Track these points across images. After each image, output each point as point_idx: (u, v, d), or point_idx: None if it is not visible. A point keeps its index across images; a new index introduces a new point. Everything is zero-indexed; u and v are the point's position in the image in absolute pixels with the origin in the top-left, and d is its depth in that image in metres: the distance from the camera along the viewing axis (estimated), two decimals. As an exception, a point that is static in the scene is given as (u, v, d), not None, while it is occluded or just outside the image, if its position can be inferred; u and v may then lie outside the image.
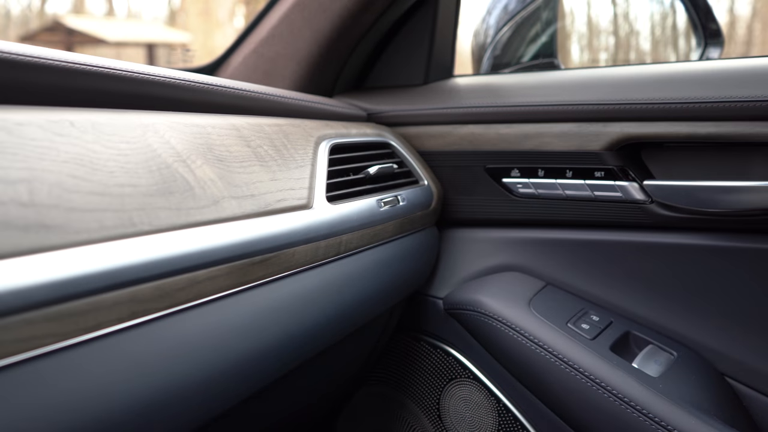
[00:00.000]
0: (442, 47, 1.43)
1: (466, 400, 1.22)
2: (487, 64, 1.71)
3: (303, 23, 1.31)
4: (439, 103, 1.31)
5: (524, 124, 1.19)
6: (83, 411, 0.52)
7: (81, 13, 11.92)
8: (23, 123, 0.57)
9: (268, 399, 0.96)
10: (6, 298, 0.46)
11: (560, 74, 1.34)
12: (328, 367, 1.14)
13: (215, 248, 0.65)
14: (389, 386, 1.36)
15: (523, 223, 1.25)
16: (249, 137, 0.83)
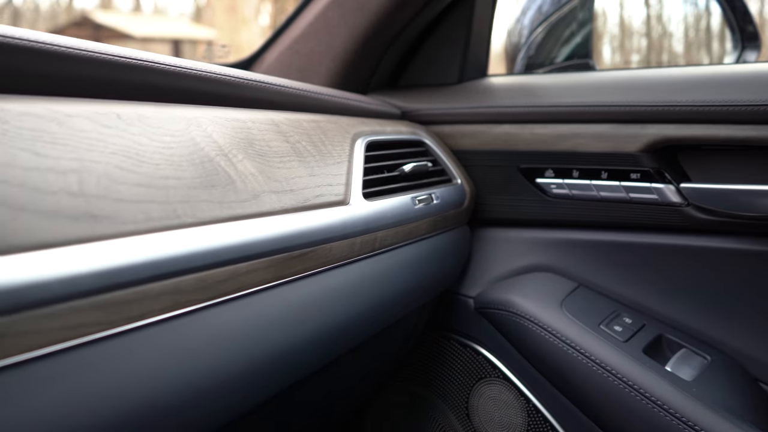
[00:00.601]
0: (478, 46, 1.42)
1: (495, 399, 1.22)
2: (520, 64, 1.70)
3: (339, 20, 1.31)
4: (474, 102, 1.31)
5: (559, 125, 1.18)
6: (126, 398, 0.53)
7: (108, 9, 12.07)
8: (72, 114, 0.57)
9: (300, 393, 0.96)
10: (55, 286, 0.46)
11: (596, 75, 1.33)
12: (358, 364, 1.14)
13: (256, 242, 0.66)
14: (418, 384, 1.36)
15: (556, 224, 1.24)
16: (288, 133, 0.84)
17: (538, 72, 1.67)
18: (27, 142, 0.51)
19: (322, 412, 1.18)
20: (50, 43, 0.61)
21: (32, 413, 0.46)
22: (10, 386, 0.44)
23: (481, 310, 1.21)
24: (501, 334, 1.19)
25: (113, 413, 0.52)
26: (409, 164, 1.05)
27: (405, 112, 1.31)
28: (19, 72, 0.59)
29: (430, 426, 1.34)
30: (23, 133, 0.52)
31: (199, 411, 0.61)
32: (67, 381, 0.48)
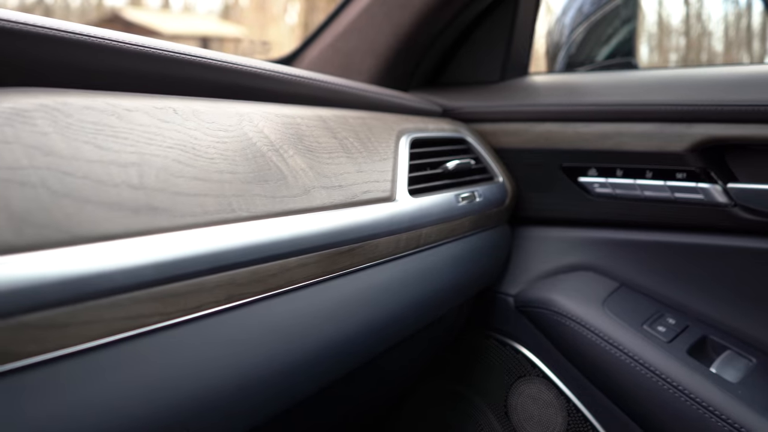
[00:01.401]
0: (520, 45, 1.41)
1: (534, 398, 1.21)
2: (561, 63, 1.69)
3: (383, 18, 1.31)
4: (516, 100, 1.30)
5: (603, 124, 1.16)
6: (180, 389, 0.53)
7: (138, 6, 12.21)
8: (132, 109, 0.58)
9: (340, 389, 0.96)
10: (117, 277, 0.47)
11: (639, 74, 1.31)
12: (398, 360, 1.14)
13: (306, 236, 0.66)
14: (456, 382, 1.35)
15: (598, 223, 1.22)
16: (335, 129, 0.84)
17: (580, 70, 1.65)
18: (90, 136, 0.52)
19: (359, 409, 1.18)
20: (111, 39, 0.61)
21: (92, 401, 0.46)
22: (73, 374, 0.45)
23: (522, 308, 1.20)
24: (541, 333, 1.18)
25: (167, 404, 0.52)
26: (452, 161, 1.05)
27: (446, 110, 1.30)
28: (80, 67, 0.60)
29: (467, 423, 1.33)
30: (86, 127, 0.52)
31: (249, 403, 0.62)
32: (125, 370, 0.49)
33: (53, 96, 0.53)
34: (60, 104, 0.52)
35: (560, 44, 1.72)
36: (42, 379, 0.43)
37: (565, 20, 1.76)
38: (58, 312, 0.43)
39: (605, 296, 1.13)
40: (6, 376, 0.41)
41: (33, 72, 0.57)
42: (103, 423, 0.47)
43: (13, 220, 0.42)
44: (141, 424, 0.50)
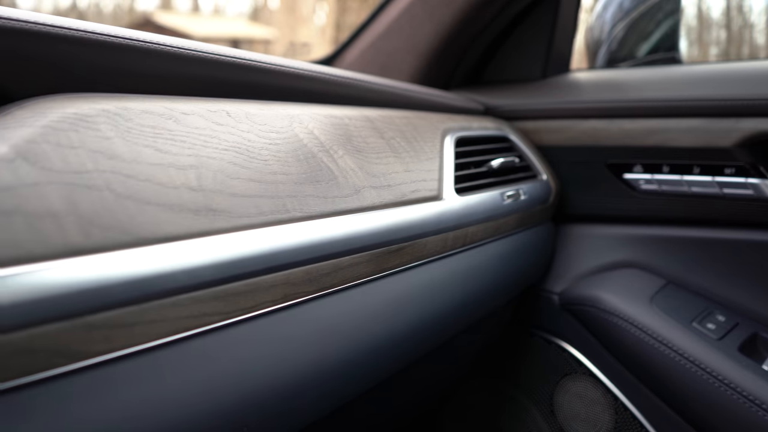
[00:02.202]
0: (562, 42, 1.40)
1: (581, 396, 1.20)
2: (602, 59, 1.66)
3: (424, 17, 1.31)
4: (559, 97, 1.28)
5: (649, 119, 1.15)
6: (240, 386, 0.54)
7: (168, 9, 12.35)
8: (188, 112, 0.59)
9: (388, 387, 0.96)
10: (181, 277, 0.48)
11: (685, 69, 1.28)
12: (443, 359, 1.14)
13: (358, 236, 0.66)
14: (500, 380, 1.35)
15: (644, 220, 1.21)
16: (382, 129, 0.84)
17: (622, 66, 1.63)
18: (150, 139, 0.53)
19: (405, 407, 1.18)
20: (167, 44, 0.62)
21: (159, 397, 0.47)
22: (140, 372, 0.46)
23: (567, 306, 1.19)
24: (587, 331, 1.16)
25: (229, 400, 0.53)
26: (497, 160, 1.04)
27: (489, 108, 1.30)
28: (138, 72, 0.61)
29: (512, 422, 1.32)
30: (145, 131, 0.53)
31: (304, 400, 0.62)
32: (189, 368, 0.50)
33: (113, 101, 0.54)
34: (120, 109, 0.53)
35: (601, 40, 1.70)
36: (112, 376, 0.44)
37: (606, 16, 1.74)
38: (124, 312, 0.44)
39: (652, 293, 1.12)
40: (79, 373, 0.42)
41: (92, 78, 0.58)
42: (170, 418, 0.48)
43: (81, 222, 0.43)
44: (204, 420, 0.50)
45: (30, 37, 0.53)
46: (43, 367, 0.40)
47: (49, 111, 0.49)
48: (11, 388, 0.39)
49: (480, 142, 1.08)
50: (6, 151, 0.43)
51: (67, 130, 0.48)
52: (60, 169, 0.45)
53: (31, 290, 0.39)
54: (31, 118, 0.47)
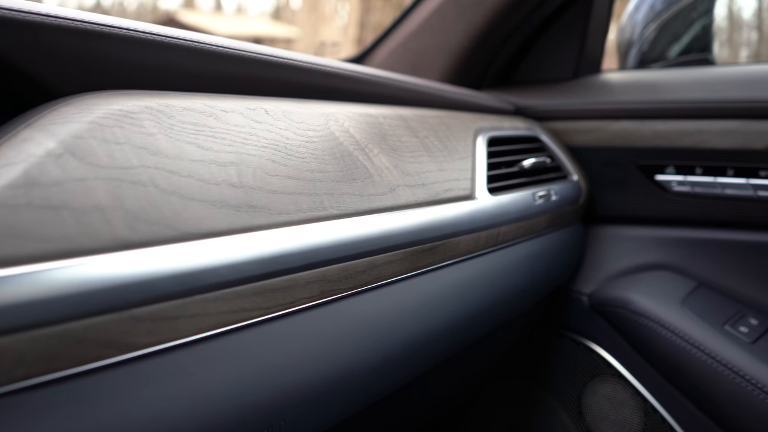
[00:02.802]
0: (594, 42, 1.39)
1: (609, 398, 1.19)
2: (634, 60, 1.65)
3: (456, 17, 1.30)
4: (590, 98, 1.27)
5: (682, 121, 1.13)
6: (278, 380, 0.54)
7: (191, 8, 12.40)
8: (227, 110, 0.59)
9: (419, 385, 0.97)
10: (223, 272, 0.48)
11: (718, 70, 1.27)
12: (472, 359, 1.13)
13: (393, 234, 0.66)
14: (528, 380, 1.34)
15: (676, 222, 1.19)
16: (416, 128, 0.84)
17: (653, 67, 1.61)
18: (191, 136, 0.53)
19: (433, 407, 1.18)
20: (206, 42, 0.63)
21: (201, 390, 0.48)
22: (184, 364, 0.46)
23: (597, 307, 1.18)
24: (617, 332, 1.15)
25: (267, 394, 0.53)
26: (528, 160, 1.04)
27: (519, 108, 1.29)
28: (179, 70, 0.62)
29: (539, 423, 1.31)
30: (187, 128, 0.54)
31: (339, 396, 0.62)
32: (230, 361, 0.50)
33: (155, 98, 0.55)
34: (163, 106, 0.54)
35: (632, 41, 1.68)
36: (156, 368, 0.45)
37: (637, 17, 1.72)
38: (168, 305, 0.45)
39: (684, 296, 1.10)
40: (125, 365, 0.43)
41: (133, 75, 0.59)
42: (210, 411, 0.48)
43: (128, 217, 0.44)
44: (243, 413, 0.51)
45: (74, 35, 0.53)
46: (93, 357, 0.41)
47: (94, 107, 0.49)
48: (65, 377, 0.39)
49: (511, 142, 1.07)
50: (54, 147, 0.44)
51: (112, 126, 0.48)
52: (106, 165, 0.45)
53: (82, 283, 0.39)
54: (77, 114, 0.48)
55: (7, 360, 0.37)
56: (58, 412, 0.39)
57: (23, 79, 0.53)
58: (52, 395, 0.39)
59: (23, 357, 0.37)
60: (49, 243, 0.39)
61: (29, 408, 0.38)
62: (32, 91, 0.54)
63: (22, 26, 0.50)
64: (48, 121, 0.46)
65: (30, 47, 0.51)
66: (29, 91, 0.54)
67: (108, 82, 0.57)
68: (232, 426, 0.50)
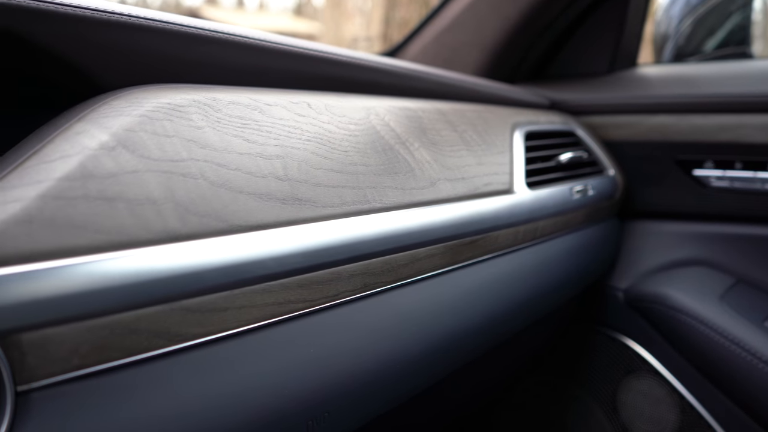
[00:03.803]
0: (631, 36, 1.37)
1: (645, 394, 1.17)
2: (670, 54, 1.62)
3: (490, 12, 1.29)
4: (626, 92, 1.25)
5: (721, 115, 1.11)
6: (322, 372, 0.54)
7: (214, 5, 12.43)
8: (271, 104, 0.59)
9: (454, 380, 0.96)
10: (270, 264, 0.48)
11: (758, 63, 1.24)
12: (507, 354, 1.12)
13: (434, 227, 0.66)
14: (561, 376, 1.33)
15: (714, 217, 1.17)
16: (454, 122, 0.83)
17: (690, 61, 1.58)
18: (238, 129, 0.53)
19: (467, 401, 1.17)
20: (249, 37, 0.63)
21: (249, 380, 0.48)
22: (231, 355, 0.47)
23: (633, 303, 1.17)
24: (653, 328, 1.14)
25: (312, 386, 0.53)
26: (565, 154, 1.02)
27: (554, 103, 1.27)
28: (223, 64, 0.62)
29: (573, 419, 1.30)
30: (234, 121, 0.54)
31: (381, 388, 0.62)
32: (276, 353, 0.50)
33: (202, 92, 0.55)
34: (209, 100, 0.54)
35: (668, 35, 1.65)
36: (205, 359, 0.45)
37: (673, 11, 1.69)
38: (217, 297, 0.45)
39: (722, 292, 1.08)
40: (175, 355, 0.43)
41: (178, 69, 0.59)
42: (257, 401, 0.48)
43: (179, 209, 0.44)
44: (289, 404, 0.51)
45: (122, 29, 0.54)
46: (145, 348, 0.41)
47: (144, 100, 0.49)
48: (117, 367, 0.40)
49: (547, 136, 1.06)
50: (107, 140, 0.44)
51: (162, 119, 0.48)
52: (157, 157, 0.45)
53: (135, 274, 0.40)
54: (128, 107, 0.48)
55: (64, 349, 0.37)
56: (110, 401, 0.40)
57: (71, 72, 0.53)
58: (104, 385, 0.39)
59: (78, 347, 0.38)
60: (105, 234, 0.39)
61: (83, 397, 0.38)
62: (80, 84, 0.54)
63: (71, 20, 0.50)
64: (100, 114, 0.46)
65: (78, 41, 0.52)
66: (77, 84, 0.54)
67: (153, 76, 0.58)
68: (277, 417, 0.50)
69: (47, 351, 0.36)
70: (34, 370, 0.36)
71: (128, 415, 0.40)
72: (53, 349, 0.36)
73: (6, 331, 0.34)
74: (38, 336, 0.36)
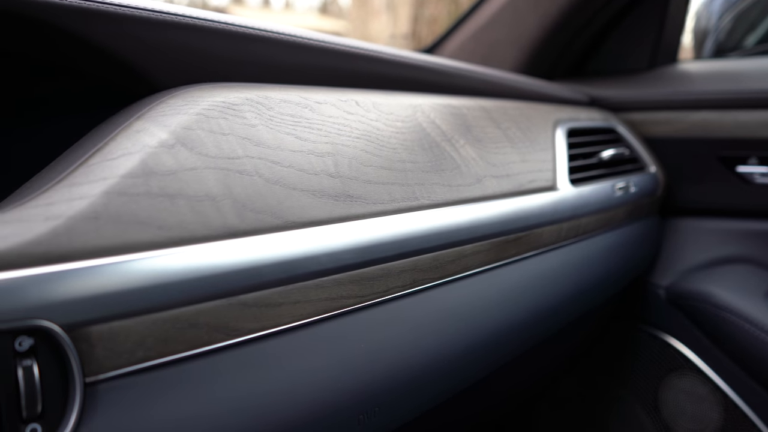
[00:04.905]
0: (672, 31, 1.34)
1: (687, 392, 1.15)
2: (709, 49, 1.59)
3: (529, 9, 1.28)
4: (667, 88, 1.23)
5: (766, 111, 1.08)
6: (373, 366, 0.54)
7: (240, 4, 12.48)
8: (321, 102, 0.59)
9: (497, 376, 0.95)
10: (324, 260, 0.48)
11: (803, 58, 1.21)
12: (548, 351, 1.11)
13: (481, 224, 0.65)
14: (601, 374, 1.31)
15: (758, 214, 1.14)
16: (498, 119, 0.83)
17: (731, 56, 1.55)
18: (290, 127, 0.53)
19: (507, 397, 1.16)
20: (298, 36, 0.63)
21: (302, 374, 0.48)
22: (285, 350, 0.47)
23: (675, 300, 1.15)
24: (696, 326, 1.12)
25: (363, 380, 0.53)
26: (607, 151, 1.01)
27: (594, 99, 1.26)
28: (274, 63, 0.62)
29: (613, 417, 1.28)
30: (286, 119, 0.54)
31: (429, 383, 0.62)
32: (328, 348, 0.50)
33: (254, 90, 0.55)
34: (262, 98, 0.54)
35: (708, 30, 1.62)
36: (261, 353, 0.45)
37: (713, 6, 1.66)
38: (273, 292, 0.45)
39: (767, 289, 1.06)
40: (232, 349, 0.43)
41: (231, 68, 0.60)
42: (310, 395, 0.48)
43: (236, 206, 0.44)
44: (340, 398, 0.51)
45: (176, 29, 0.54)
46: (205, 342, 0.41)
47: (199, 99, 0.50)
48: (180, 359, 0.40)
49: (588, 133, 1.05)
50: (166, 137, 0.44)
51: (217, 117, 0.49)
52: (215, 155, 0.46)
53: (196, 269, 0.40)
54: (185, 106, 0.48)
55: (130, 341, 0.37)
56: (172, 393, 0.40)
57: (125, 71, 0.54)
58: (166, 377, 0.40)
59: (143, 339, 0.38)
60: (167, 230, 0.40)
61: (146, 388, 0.39)
62: (132, 82, 0.55)
63: (127, 21, 0.51)
64: (158, 113, 0.47)
65: (133, 41, 0.52)
66: (129, 82, 0.55)
67: (203, 75, 0.58)
68: (330, 411, 0.50)
69: (114, 343, 0.37)
70: (101, 362, 0.37)
71: (188, 407, 0.41)
72: (120, 341, 0.37)
73: (76, 324, 0.35)
74: (106, 329, 0.36)
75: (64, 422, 0.36)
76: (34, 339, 0.34)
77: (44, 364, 0.35)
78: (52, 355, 0.35)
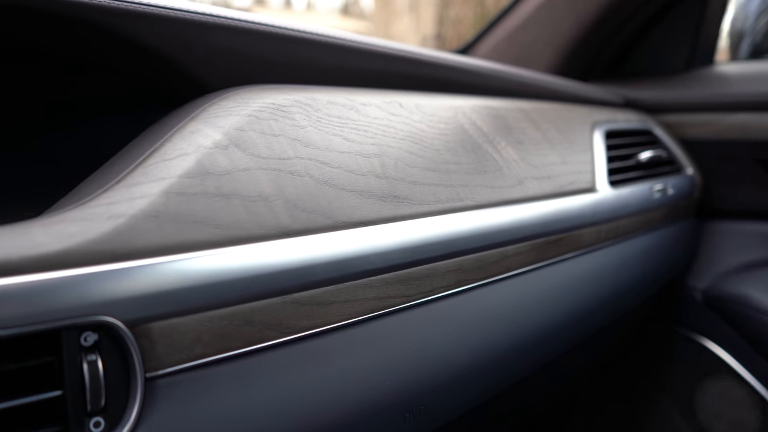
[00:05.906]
0: (709, 33, 1.32)
1: (724, 395, 1.13)
2: (746, 51, 1.56)
3: (566, 9, 1.27)
4: (704, 90, 1.21)
5: None
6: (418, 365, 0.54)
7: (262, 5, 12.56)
8: (366, 103, 0.59)
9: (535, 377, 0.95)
10: (373, 260, 0.48)
11: (844, 59, 1.18)
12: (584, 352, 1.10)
13: (523, 225, 0.65)
14: (637, 376, 1.29)
15: None
16: (537, 121, 0.82)
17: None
18: (337, 129, 0.54)
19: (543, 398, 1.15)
20: (343, 38, 0.63)
21: (350, 372, 0.48)
22: (335, 347, 0.47)
23: (712, 303, 1.13)
24: (733, 329, 1.10)
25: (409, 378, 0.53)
26: (645, 153, 1.00)
27: (629, 101, 1.24)
28: (321, 66, 0.62)
29: (649, 419, 1.27)
30: (333, 120, 0.54)
31: (473, 383, 0.62)
32: (375, 346, 0.50)
33: (302, 92, 0.56)
34: (309, 99, 0.55)
35: (744, 32, 1.59)
36: (311, 351, 0.45)
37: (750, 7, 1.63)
38: (324, 291, 0.45)
39: None
40: (284, 346, 0.43)
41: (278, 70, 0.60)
42: (359, 392, 0.48)
43: (288, 206, 0.44)
44: (387, 396, 0.51)
45: (226, 32, 0.55)
46: (258, 339, 0.41)
47: (250, 101, 0.50)
48: (233, 356, 0.40)
49: (626, 135, 1.04)
50: (221, 138, 0.45)
51: (268, 119, 0.49)
52: (267, 156, 0.46)
53: (251, 268, 0.40)
54: (236, 107, 0.49)
55: (188, 338, 0.38)
56: (228, 388, 0.40)
57: (175, 72, 0.54)
58: (222, 372, 0.40)
59: (200, 336, 0.38)
60: (223, 229, 0.40)
61: (203, 383, 0.39)
62: (183, 84, 0.56)
63: (177, 24, 0.51)
64: (211, 114, 0.47)
65: (183, 43, 0.53)
66: (180, 84, 0.56)
67: (250, 76, 0.58)
68: (376, 409, 0.50)
69: (173, 339, 0.37)
70: (161, 358, 0.37)
71: (242, 402, 0.41)
72: (179, 337, 0.37)
73: (138, 320, 0.35)
74: (166, 325, 0.37)
75: (125, 416, 0.36)
76: (99, 334, 0.35)
77: (108, 359, 0.35)
78: (115, 350, 0.36)
